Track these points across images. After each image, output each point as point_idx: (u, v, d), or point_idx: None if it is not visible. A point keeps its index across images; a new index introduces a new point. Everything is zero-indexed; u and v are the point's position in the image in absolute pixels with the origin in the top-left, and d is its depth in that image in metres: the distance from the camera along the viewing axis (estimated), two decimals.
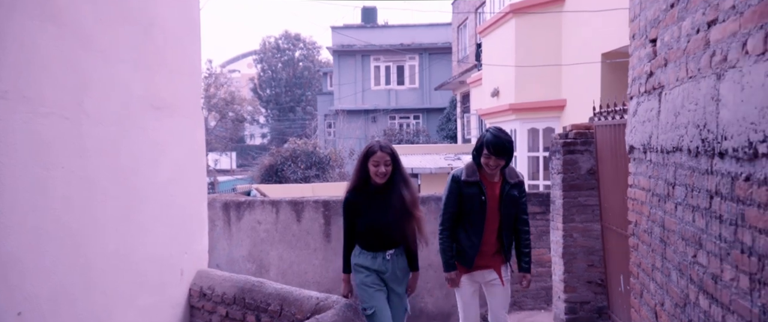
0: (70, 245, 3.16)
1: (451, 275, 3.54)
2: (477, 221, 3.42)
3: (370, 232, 3.35)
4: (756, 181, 1.54)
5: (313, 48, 42.25)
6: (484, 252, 3.48)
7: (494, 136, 3.36)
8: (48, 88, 3.04)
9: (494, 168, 3.39)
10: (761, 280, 1.53)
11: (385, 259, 3.35)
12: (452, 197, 3.47)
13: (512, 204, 3.48)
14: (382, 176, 3.26)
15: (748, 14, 1.56)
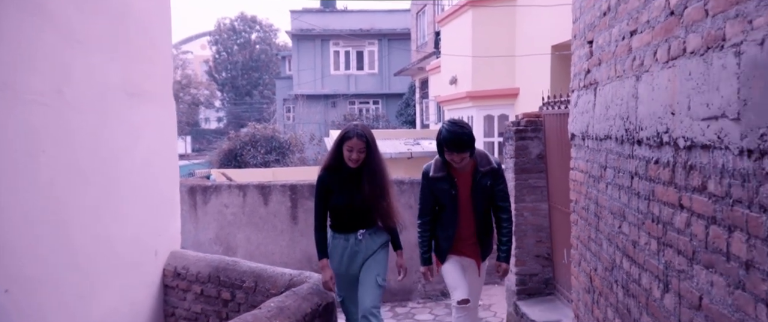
0: (54, 228, 3.33)
1: (423, 269, 3.57)
2: (450, 214, 3.42)
3: (343, 211, 3.35)
4: (662, 164, 1.91)
5: (270, 31, 41.74)
6: (460, 241, 3.47)
7: (449, 132, 3.28)
8: (32, 78, 3.18)
9: (460, 162, 3.33)
10: (665, 242, 1.90)
11: (357, 239, 3.36)
12: (425, 192, 3.49)
13: (484, 193, 3.41)
14: (354, 161, 3.28)
15: (658, 29, 1.92)
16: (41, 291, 3.22)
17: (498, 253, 3.54)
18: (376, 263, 3.40)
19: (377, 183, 3.31)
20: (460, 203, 3.41)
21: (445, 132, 3.30)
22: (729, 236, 1.45)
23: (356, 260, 3.38)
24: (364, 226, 3.38)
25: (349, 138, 3.29)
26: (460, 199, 3.41)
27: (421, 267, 3.58)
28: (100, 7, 3.75)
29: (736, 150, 1.39)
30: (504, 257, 3.53)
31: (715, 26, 1.50)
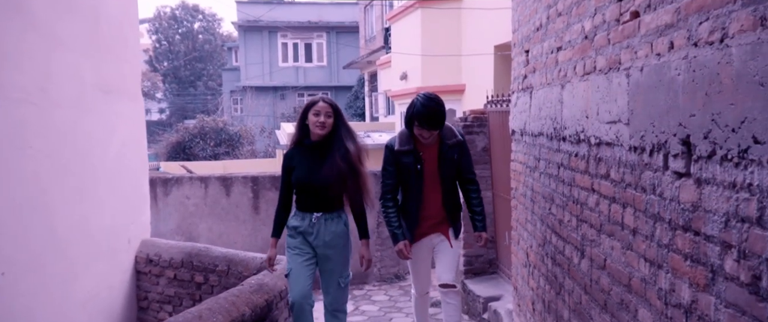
0: (40, 217, 3.56)
1: (399, 246, 3.33)
2: (414, 189, 3.28)
3: (302, 189, 3.19)
4: (580, 156, 2.40)
5: (213, 20, 41.00)
6: (427, 220, 3.35)
7: (423, 106, 3.12)
8: (18, 77, 3.40)
9: (428, 138, 3.21)
10: (581, 219, 2.40)
11: (312, 221, 3.15)
12: (389, 168, 3.31)
13: (451, 167, 3.31)
14: (321, 126, 3.10)
15: (577, 48, 2.40)
16: (29, 276, 3.45)
17: (474, 224, 3.44)
18: (337, 268, 3.22)
19: (348, 151, 3.11)
20: (425, 178, 3.26)
21: (420, 106, 3.12)
22: (623, 211, 1.95)
23: (307, 241, 3.18)
24: (322, 209, 3.16)
25: (315, 103, 3.15)
26: (425, 174, 3.26)
27: (395, 244, 3.35)
28: (76, 9, 3.97)
29: (627, 147, 1.88)
30: (481, 226, 3.43)
31: (614, 52, 1.98)
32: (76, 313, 3.91)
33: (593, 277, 2.26)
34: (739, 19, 1.22)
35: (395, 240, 3.35)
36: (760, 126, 1.16)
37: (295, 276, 3.17)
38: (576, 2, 2.41)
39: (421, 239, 3.39)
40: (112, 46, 4.41)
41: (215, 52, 38.31)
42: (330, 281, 3.25)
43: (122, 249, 4.53)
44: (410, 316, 5.38)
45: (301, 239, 3.20)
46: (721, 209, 1.32)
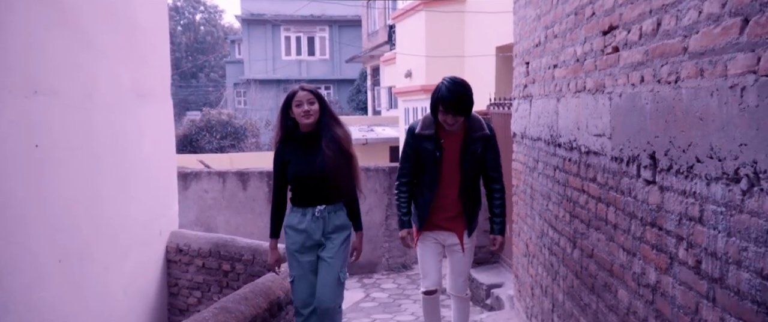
0: (88, 210, 3.95)
1: (402, 233, 3.27)
2: (432, 177, 3.13)
3: (299, 183, 3.05)
4: (573, 161, 2.80)
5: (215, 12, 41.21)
6: (441, 212, 3.19)
7: (449, 90, 2.97)
8: (69, 85, 3.78)
9: (452, 125, 3.04)
10: (574, 214, 2.80)
11: (315, 216, 3.03)
12: (408, 150, 3.20)
13: (474, 161, 3.14)
14: (306, 114, 2.99)
15: (570, 68, 2.79)
16: (81, 264, 3.85)
17: (492, 225, 3.28)
18: (338, 259, 3.08)
19: (338, 139, 3.04)
20: (444, 167, 3.12)
21: (445, 90, 2.98)
22: (607, 209, 2.35)
23: (312, 238, 3.06)
24: (325, 201, 3.05)
25: (294, 93, 3.04)
26: (443, 163, 3.12)
27: (400, 231, 3.30)
28: (116, 20, 4.34)
29: (610, 157, 2.27)
30: (498, 229, 3.26)
31: (600, 77, 2.37)
32: (118, 298, 4.31)
33: (583, 264, 2.67)
34: (687, 68, 1.61)
35: (401, 226, 3.28)
36: (700, 150, 1.55)
37: (299, 284, 3.09)
38: (570, 28, 2.80)
39: (433, 231, 3.24)
40: (145, 53, 4.78)
41: (217, 43, 38.58)
42: (330, 274, 3.05)
43: (155, 240, 4.93)
44: (418, 302, 5.80)
45: (303, 240, 3.06)
46: (676, 210, 1.72)
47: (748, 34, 1.34)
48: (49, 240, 3.56)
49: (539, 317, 3.56)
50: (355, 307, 5.70)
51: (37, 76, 3.46)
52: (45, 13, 3.53)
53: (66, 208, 3.71)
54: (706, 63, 1.52)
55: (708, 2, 1.51)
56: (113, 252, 4.25)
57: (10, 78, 3.23)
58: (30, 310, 3.38)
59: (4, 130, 3.20)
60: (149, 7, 4.85)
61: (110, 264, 4.20)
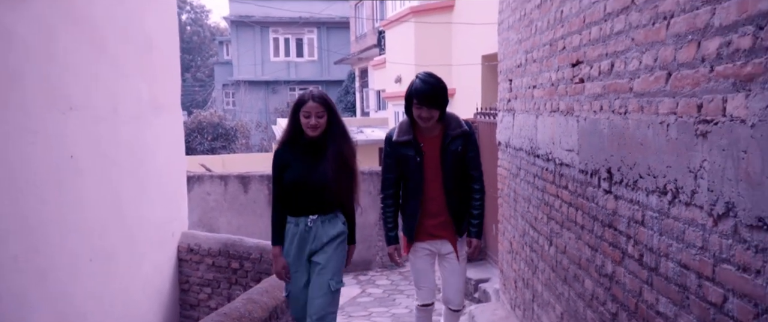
0: (113, 214, 4.35)
1: (389, 250, 3.19)
2: (415, 185, 3.04)
3: (296, 189, 2.94)
4: (549, 171, 3.26)
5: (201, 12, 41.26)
6: (429, 218, 3.09)
7: (422, 81, 2.93)
8: (97, 100, 4.17)
9: (427, 120, 2.95)
10: (550, 217, 3.26)
11: (307, 225, 2.94)
12: (388, 160, 3.10)
13: (455, 161, 3.05)
14: (313, 128, 2.91)
15: (547, 90, 3.25)
16: (108, 263, 4.25)
17: (469, 228, 3.16)
18: (330, 265, 2.96)
19: (342, 150, 2.96)
20: (426, 172, 3.03)
21: (419, 82, 2.94)
22: (576, 212, 2.80)
23: (304, 248, 2.97)
24: (318, 211, 2.95)
25: (304, 102, 2.92)
26: (426, 167, 3.03)
27: (387, 247, 3.21)
28: (135, 40, 4.73)
29: (578, 169, 2.73)
30: (474, 232, 3.16)
31: (570, 102, 2.83)
32: (138, 294, 4.71)
33: (557, 259, 3.13)
34: (632, 104, 2.07)
35: (388, 242, 3.17)
36: (641, 168, 2.01)
37: (294, 301, 3.05)
38: (546, 56, 3.26)
39: (424, 241, 3.13)
40: (160, 69, 5.17)
41: (204, 44, 38.66)
42: (320, 281, 2.94)
43: (168, 240, 5.32)
44: (410, 296, 6.25)
45: (295, 253, 2.98)
46: (626, 214, 2.18)
47: (671, 85, 1.79)
48: (81, 241, 3.95)
49: (522, 306, 4.02)
50: (352, 302, 6.14)
51: (72, 94, 3.85)
52: (78, 38, 3.92)
53: (95, 212, 4.11)
54: (645, 102, 1.98)
55: (645, 55, 1.96)
56: (133, 252, 4.64)
57: (50, 97, 3.63)
58: (67, 302, 3.78)
59: (45, 143, 3.59)
60: (162, 27, 5.24)
61: (132, 263, 4.59)
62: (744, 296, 1.43)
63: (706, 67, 1.58)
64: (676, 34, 1.75)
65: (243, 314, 3.01)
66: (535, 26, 3.49)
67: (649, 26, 1.93)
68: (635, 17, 2.04)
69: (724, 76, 1.49)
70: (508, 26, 4.33)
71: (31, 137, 3.43)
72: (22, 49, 3.38)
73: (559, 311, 3.09)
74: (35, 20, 3.47)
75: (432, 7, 9.75)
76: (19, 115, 3.34)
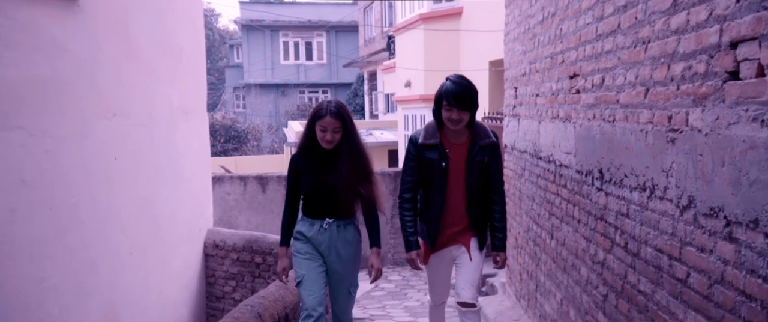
0: (148, 212, 4.72)
1: (410, 255, 3.04)
2: (438, 190, 2.98)
3: (311, 195, 3.03)
4: (550, 171, 3.60)
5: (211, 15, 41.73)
6: (449, 227, 3.03)
7: (454, 83, 2.89)
8: (134, 106, 4.54)
9: (457, 123, 2.89)
10: (551, 213, 3.60)
11: (322, 228, 3.00)
12: (410, 163, 3.02)
13: (480, 170, 2.99)
14: (328, 142, 2.94)
15: (548, 99, 3.59)
16: (144, 256, 4.62)
17: (492, 241, 3.13)
18: (348, 275, 3.11)
19: (359, 163, 2.98)
20: (450, 179, 2.97)
21: (450, 84, 2.90)
22: (573, 208, 3.14)
23: (319, 248, 3.04)
24: (333, 215, 3.01)
25: (321, 117, 2.93)
26: (450, 174, 2.97)
27: (407, 253, 3.07)
28: (168, 49, 5.11)
29: (575, 170, 3.07)
30: (500, 245, 3.12)
31: (568, 110, 3.18)
32: (170, 286, 5.08)
33: (558, 251, 3.47)
34: (619, 113, 2.42)
35: (408, 247, 3.06)
36: (626, 169, 2.36)
37: (308, 283, 3.00)
38: (547, 68, 3.60)
39: (442, 249, 3.09)
40: (189, 76, 5.55)
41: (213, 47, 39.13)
42: (340, 289, 3.12)
43: (196, 236, 5.69)
44: (422, 291, 6.59)
45: (310, 246, 3.06)
46: (614, 208, 2.53)
47: (648, 99, 2.14)
48: (124, 235, 4.33)
49: (526, 296, 4.36)
50: (366, 296, 6.49)
51: (115, 101, 4.23)
52: (120, 50, 4.29)
53: (134, 209, 4.48)
54: (628, 112, 2.32)
55: (629, 73, 2.31)
56: (167, 246, 5.01)
57: (98, 105, 4.01)
58: (112, 291, 4.15)
59: (94, 147, 3.97)
60: (191, 38, 5.61)
61: (165, 257, 4.97)
62: (702, 271, 1.78)
63: (675, 86, 1.93)
64: (652, 56, 2.09)
65: (277, 298, 3.37)
66: (537, 40, 3.84)
67: (632, 48, 2.27)
68: (621, 40, 2.39)
69: (687, 94, 1.84)
70: (513, 38, 4.67)
71: (82, 141, 3.81)
72: (73, 61, 3.76)
73: (559, 297, 3.44)
74: (84, 35, 3.84)
75: (441, 14, 10.11)
76: (72, 122, 3.71)
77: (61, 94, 3.63)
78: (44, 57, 3.45)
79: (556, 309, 3.48)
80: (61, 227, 3.59)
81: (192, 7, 5.67)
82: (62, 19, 3.64)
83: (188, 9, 5.56)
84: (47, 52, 3.48)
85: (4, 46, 3.11)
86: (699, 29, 1.75)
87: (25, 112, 3.28)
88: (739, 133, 1.54)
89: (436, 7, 10.54)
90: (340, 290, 3.13)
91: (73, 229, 3.70)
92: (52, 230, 3.51)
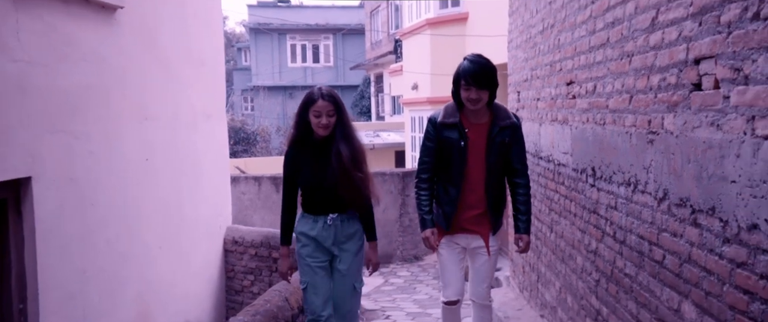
0: (175, 209, 5.05)
1: (425, 233, 2.99)
2: (456, 171, 2.91)
3: (311, 191, 2.94)
4: (550, 170, 3.90)
5: None
6: (466, 210, 2.96)
7: (471, 62, 2.86)
8: (162, 110, 4.88)
9: (476, 103, 2.84)
10: (550, 208, 3.90)
11: (326, 223, 2.93)
12: (429, 143, 2.97)
13: (501, 152, 2.93)
14: (324, 127, 2.85)
15: (547, 103, 3.89)
16: (171, 251, 4.95)
17: (516, 223, 3.09)
18: (352, 271, 3.03)
19: (351, 149, 2.90)
20: (469, 160, 2.91)
21: (467, 63, 2.88)
22: (570, 203, 3.45)
23: (324, 246, 2.96)
24: (336, 209, 2.95)
25: (314, 101, 2.86)
26: (469, 154, 2.90)
27: (423, 231, 3.02)
28: (192, 57, 5.44)
29: (571, 168, 3.38)
30: (524, 227, 3.05)
31: (565, 114, 3.48)
32: (193, 279, 5.41)
33: (557, 243, 3.77)
34: (608, 118, 2.72)
35: (423, 226, 3.01)
36: (614, 167, 2.66)
37: (312, 290, 2.96)
38: (547, 75, 3.91)
39: (457, 234, 3.02)
40: (209, 81, 5.88)
41: None
42: (344, 285, 3.02)
43: (216, 233, 6.02)
44: (430, 285, 6.90)
45: (314, 245, 2.97)
46: (604, 202, 2.83)
47: (633, 105, 2.44)
48: (153, 232, 4.66)
49: (529, 288, 4.66)
50: (377, 290, 6.80)
51: (146, 106, 4.56)
52: (150, 59, 4.63)
53: (163, 207, 4.82)
54: (616, 117, 2.63)
55: (616, 82, 2.61)
56: (190, 242, 5.34)
57: (131, 110, 4.34)
58: (142, 283, 4.48)
59: (127, 148, 4.30)
60: (212, 45, 5.95)
61: (189, 252, 5.30)
62: (674, 253, 2.08)
63: (653, 94, 2.23)
64: (635, 68, 2.40)
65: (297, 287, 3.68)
66: (538, 48, 4.15)
67: (618, 60, 2.58)
68: (610, 52, 2.69)
69: (662, 102, 2.14)
70: (516, 45, 4.98)
71: (120, 143, 4.14)
72: (112, 71, 4.09)
73: (558, 286, 3.74)
74: (120, 48, 4.18)
75: (447, 19, 10.42)
76: (112, 125, 4.04)
77: (101, 101, 3.96)
78: (87, 67, 3.79)
79: (556, 297, 3.78)
80: (100, 223, 3.92)
81: (212, 17, 6.01)
82: (101, 33, 3.98)
83: (209, 19, 5.89)
84: (89, 62, 3.82)
85: (58, 58, 3.45)
86: (671, 46, 2.05)
87: (72, 117, 3.62)
88: (701, 136, 1.84)
89: (442, 12, 10.85)
90: (345, 287, 3.02)
91: (111, 224, 4.03)
92: (93, 225, 3.84)
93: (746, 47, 1.58)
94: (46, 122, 3.37)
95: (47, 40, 3.42)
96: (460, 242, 3.04)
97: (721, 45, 1.71)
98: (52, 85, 3.43)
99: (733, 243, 1.68)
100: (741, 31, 1.60)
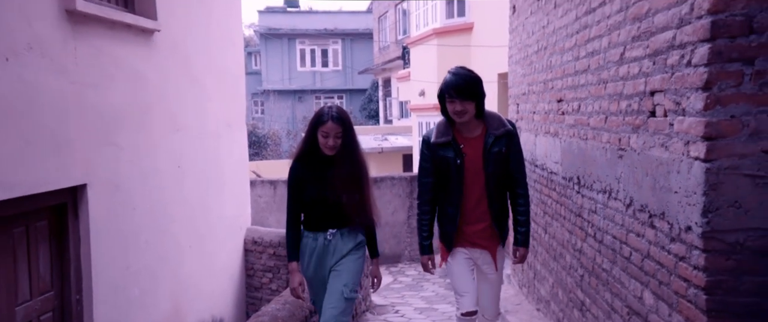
0: (202, 211, 5.50)
1: (423, 259, 3.04)
2: (454, 189, 2.89)
3: (315, 207, 2.95)
4: (544, 177, 4.32)
5: None
6: (472, 224, 2.95)
7: (453, 74, 2.84)
8: (191, 121, 5.34)
9: (463, 115, 2.81)
10: (545, 212, 4.32)
11: (326, 238, 2.94)
12: (425, 164, 2.96)
13: (498, 162, 2.89)
14: (331, 148, 2.89)
15: (542, 116, 4.31)
16: (199, 250, 5.41)
17: (515, 235, 3.06)
18: (346, 271, 2.96)
19: (353, 170, 2.93)
20: (467, 175, 2.88)
21: (449, 76, 2.86)
22: (561, 207, 3.86)
23: (324, 263, 2.97)
24: (336, 225, 2.96)
25: (324, 123, 2.88)
26: (466, 171, 2.88)
27: (421, 256, 3.07)
28: (216, 69, 5.90)
29: (561, 176, 3.80)
30: (522, 240, 3.05)
31: (556, 127, 3.90)
32: (218, 276, 5.87)
33: (550, 243, 4.19)
34: (589, 134, 3.14)
35: (422, 251, 3.05)
36: (594, 177, 3.08)
37: (320, 306, 3.03)
38: (541, 91, 4.33)
39: (464, 247, 3.00)
40: (231, 92, 6.34)
41: None
42: (335, 286, 2.94)
43: (237, 234, 6.48)
44: (436, 284, 7.32)
45: (316, 263, 2.98)
46: (587, 207, 3.25)
47: (608, 124, 2.86)
48: (184, 232, 5.12)
49: (526, 285, 5.08)
50: (386, 288, 7.22)
51: (178, 117, 5.03)
52: (182, 74, 5.10)
53: (192, 209, 5.28)
54: (595, 133, 3.05)
55: (595, 103, 3.04)
56: (215, 242, 5.80)
57: (167, 122, 4.80)
58: (174, 280, 4.94)
59: (161, 157, 4.76)
60: (234, 58, 6.42)
61: (214, 251, 5.75)
62: (638, 250, 2.50)
63: (622, 117, 2.66)
64: (609, 93, 2.82)
65: None
66: (534, 67, 4.57)
67: (597, 85, 3.00)
68: (590, 77, 3.12)
69: (628, 124, 2.57)
70: (515, 61, 5.41)
71: (155, 152, 4.60)
72: (149, 86, 4.55)
73: (551, 282, 4.16)
74: (157, 67, 4.64)
75: (453, 29, 10.85)
76: (150, 137, 4.51)
77: (141, 114, 4.42)
78: (129, 85, 4.25)
79: (549, 291, 4.20)
80: (140, 225, 4.38)
81: (234, 32, 6.48)
82: (141, 54, 4.44)
83: (231, 34, 6.36)
84: (131, 81, 4.28)
85: (106, 78, 3.91)
86: (634, 79, 2.48)
87: (118, 131, 4.08)
88: (655, 154, 2.27)
89: (448, 22, 11.29)
90: (335, 288, 2.92)
91: (148, 226, 4.49)
92: (134, 226, 4.31)
93: (683, 86, 2.00)
94: (98, 136, 3.84)
95: (97, 62, 3.89)
96: (468, 255, 3.03)
97: (668, 82, 2.13)
98: (102, 102, 3.90)
99: (676, 241, 2.10)
100: (680, 73, 2.03)
